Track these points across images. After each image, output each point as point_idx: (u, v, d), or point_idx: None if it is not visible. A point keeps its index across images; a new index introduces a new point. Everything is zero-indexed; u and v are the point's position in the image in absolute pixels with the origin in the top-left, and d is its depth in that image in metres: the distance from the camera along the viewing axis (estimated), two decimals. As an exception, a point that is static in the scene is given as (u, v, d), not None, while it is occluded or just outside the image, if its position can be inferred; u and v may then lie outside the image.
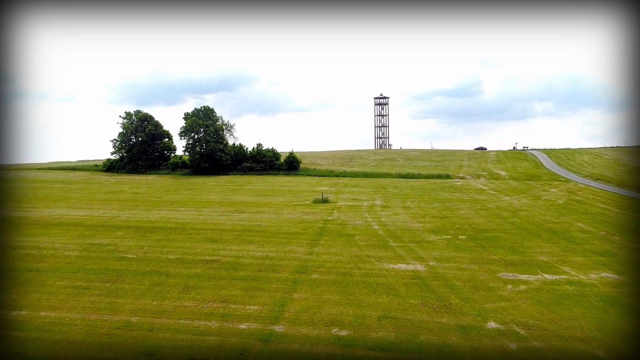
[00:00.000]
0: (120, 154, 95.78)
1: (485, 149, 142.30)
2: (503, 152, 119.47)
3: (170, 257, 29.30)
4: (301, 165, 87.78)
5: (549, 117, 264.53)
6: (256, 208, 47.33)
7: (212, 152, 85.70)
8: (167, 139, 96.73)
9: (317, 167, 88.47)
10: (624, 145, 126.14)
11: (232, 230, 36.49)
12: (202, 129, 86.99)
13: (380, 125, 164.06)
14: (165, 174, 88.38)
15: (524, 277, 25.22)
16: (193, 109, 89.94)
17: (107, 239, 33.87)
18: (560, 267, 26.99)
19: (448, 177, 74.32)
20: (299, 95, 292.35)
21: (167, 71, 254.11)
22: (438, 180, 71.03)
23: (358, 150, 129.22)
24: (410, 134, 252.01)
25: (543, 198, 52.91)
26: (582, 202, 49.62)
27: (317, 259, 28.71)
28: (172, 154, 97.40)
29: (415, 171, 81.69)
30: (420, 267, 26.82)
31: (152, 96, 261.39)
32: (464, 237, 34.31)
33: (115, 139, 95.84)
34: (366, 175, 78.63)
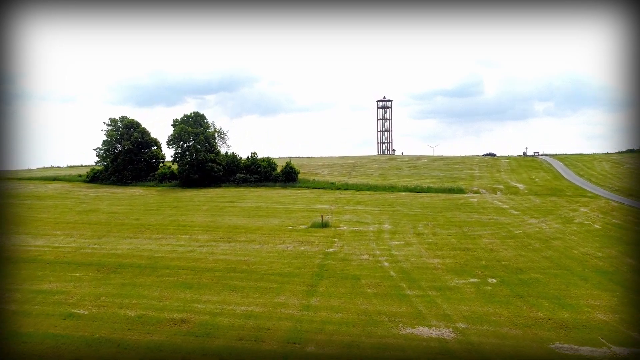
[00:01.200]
0: (105, 164, 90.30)
1: (495, 155, 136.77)
2: (515, 159, 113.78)
3: (130, 313, 23.66)
4: (299, 176, 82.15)
5: (550, 117, 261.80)
6: (245, 234, 41.65)
7: (202, 162, 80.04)
8: (155, 147, 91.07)
9: (316, 178, 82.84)
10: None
11: (214, 270, 30.81)
12: (191, 137, 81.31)
13: (383, 129, 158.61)
14: (152, 186, 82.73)
15: (586, 350, 19.53)
16: (182, 115, 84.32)
17: (59, 283, 28.27)
18: (629, 332, 21.29)
19: (461, 191, 68.56)
20: (300, 95, 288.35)
21: (168, 72, 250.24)
22: (451, 196, 65.21)
23: (360, 157, 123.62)
24: (410, 134, 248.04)
25: (575, 221, 47.07)
26: (622, 227, 43.85)
27: (315, 317, 23.03)
28: (161, 163, 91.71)
29: (424, 183, 75.99)
30: (447, 333, 21.12)
31: (152, 97, 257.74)
32: (494, 280, 28.60)
33: (99, 148, 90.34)
34: (370, 188, 72.98)
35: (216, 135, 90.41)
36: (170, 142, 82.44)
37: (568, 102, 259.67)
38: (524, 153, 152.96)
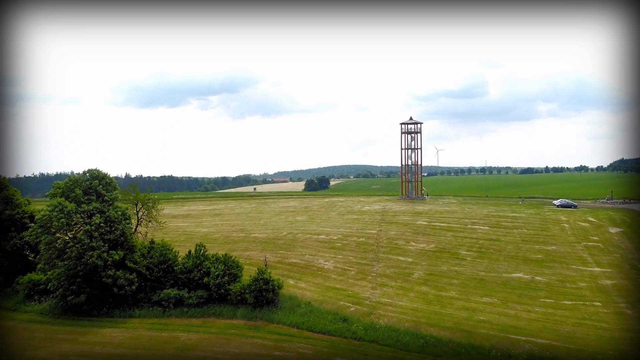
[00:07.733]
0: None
1: (576, 206, 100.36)
2: (624, 223, 77.26)
3: None
4: (283, 291, 46.29)
5: (553, 117, 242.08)
6: None
7: (94, 270, 44.00)
8: (31, 227, 55.11)
9: (310, 294, 46.82)
10: None
11: None
12: (78, 222, 45.13)
13: (410, 163, 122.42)
14: (8, 309, 46.83)
15: None
16: (67, 177, 48.20)
17: None
18: None
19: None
20: (302, 96, 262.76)
21: (170, 73, 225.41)
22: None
23: (383, 215, 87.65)
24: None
25: None
26: None
27: None
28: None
29: (529, 328, 39.83)
30: None
31: (154, 98, 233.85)
32: None
33: None
34: (424, 345, 36.73)
35: (139, 208, 54.41)
36: (37, 231, 46.25)
37: (572, 102, 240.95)
38: (608, 199, 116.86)
